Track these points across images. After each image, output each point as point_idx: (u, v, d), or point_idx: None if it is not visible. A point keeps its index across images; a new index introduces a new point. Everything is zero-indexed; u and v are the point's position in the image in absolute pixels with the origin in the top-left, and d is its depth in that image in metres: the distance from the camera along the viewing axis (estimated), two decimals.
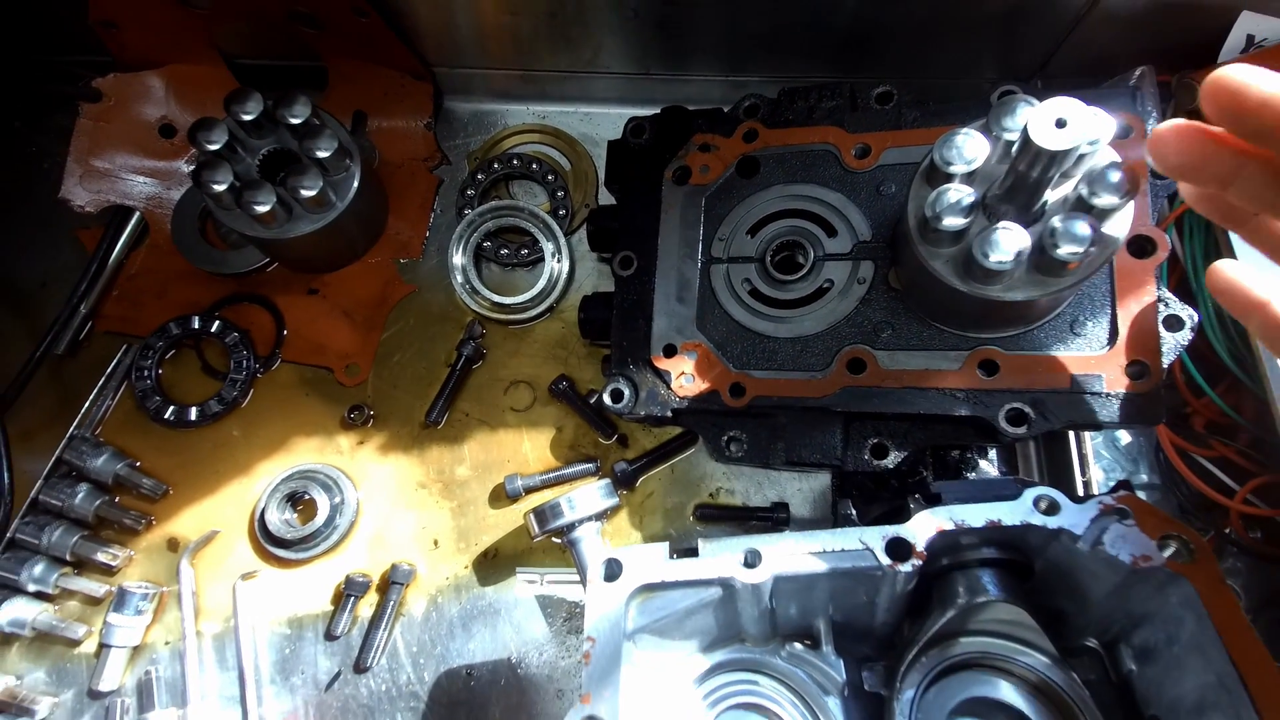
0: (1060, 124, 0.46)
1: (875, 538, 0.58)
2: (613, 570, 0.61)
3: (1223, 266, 0.51)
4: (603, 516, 0.82)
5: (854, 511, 0.69)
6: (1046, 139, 0.46)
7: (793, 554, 0.60)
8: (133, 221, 0.97)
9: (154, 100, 0.98)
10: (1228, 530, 0.79)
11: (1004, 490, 0.59)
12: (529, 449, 0.89)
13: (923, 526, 0.58)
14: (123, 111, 0.97)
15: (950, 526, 0.58)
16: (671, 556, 0.62)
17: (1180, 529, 0.54)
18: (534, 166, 0.96)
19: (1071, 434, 0.79)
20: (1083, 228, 0.52)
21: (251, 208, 0.79)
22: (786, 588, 0.62)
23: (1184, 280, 0.80)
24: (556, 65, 0.97)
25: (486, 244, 0.94)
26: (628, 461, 0.87)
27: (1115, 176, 0.51)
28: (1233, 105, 0.39)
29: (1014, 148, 0.52)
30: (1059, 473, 0.79)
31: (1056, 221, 0.53)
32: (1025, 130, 0.47)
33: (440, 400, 0.90)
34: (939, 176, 0.59)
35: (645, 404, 0.75)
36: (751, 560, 0.60)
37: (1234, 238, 0.75)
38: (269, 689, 0.82)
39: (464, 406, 0.91)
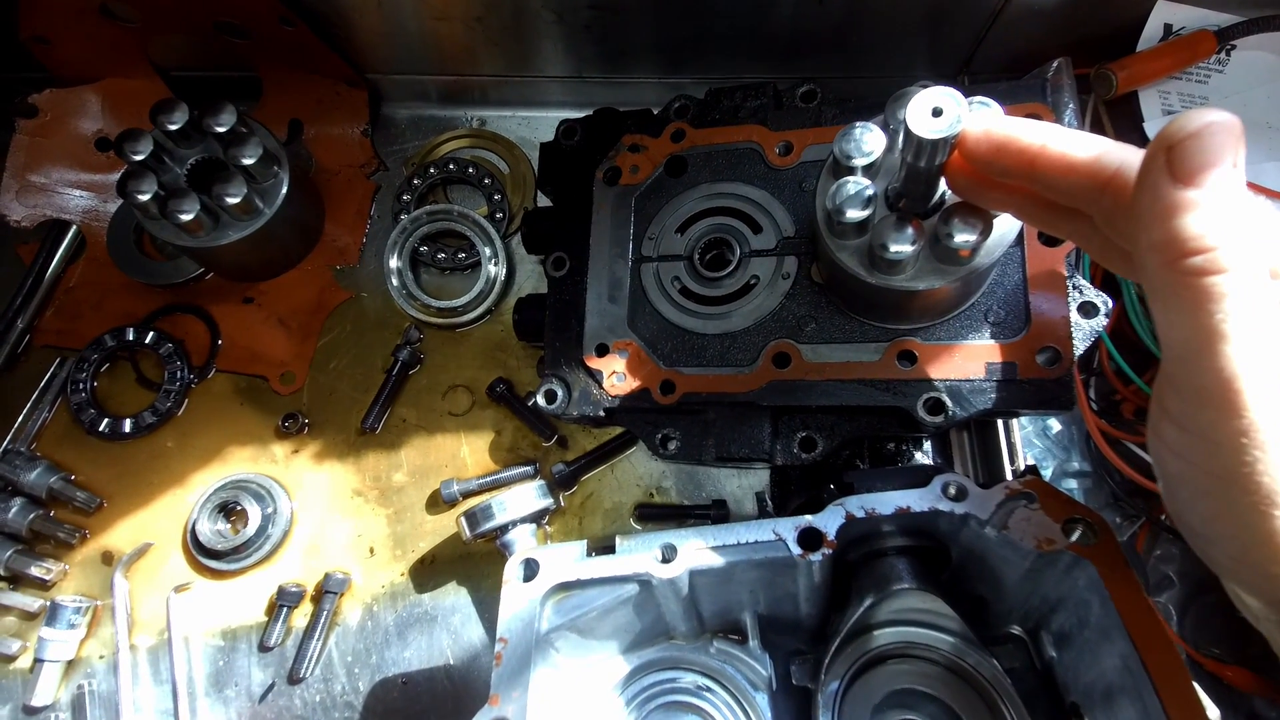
0: (936, 113, 0.47)
1: (787, 528, 0.59)
2: (530, 569, 0.61)
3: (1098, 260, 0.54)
4: (539, 518, 0.81)
5: (770, 504, 0.69)
6: (922, 127, 0.46)
7: (708, 547, 0.60)
8: (69, 235, 0.97)
9: (90, 115, 0.98)
10: (1161, 516, 0.80)
11: (916, 478, 0.60)
12: (467, 453, 0.89)
13: (833, 515, 0.58)
14: (59, 126, 0.97)
15: (860, 514, 0.58)
16: (589, 554, 0.62)
17: (1083, 512, 0.55)
18: (470, 171, 0.97)
19: (999, 423, 0.79)
20: (973, 216, 0.52)
21: (176, 216, 0.79)
22: (704, 581, 0.62)
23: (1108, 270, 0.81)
24: (493, 70, 0.97)
25: (423, 249, 0.94)
26: (566, 463, 0.87)
27: None
28: (979, 154, 0.44)
29: (901, 138, 0.53)
30: (989, 462, 0.80)
31: (949, 210, 0.53)
32: (904, 120, 0.47)
33: (377, 406, 0.89)
34: (842, 170, 0.59)
35: (579, 404, 0.75)
36: (667, 555, 0.60)
37: None
38: (203, 702, 0.81)
39: (401, 412, 0.91)
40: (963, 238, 0.53)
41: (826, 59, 0.91)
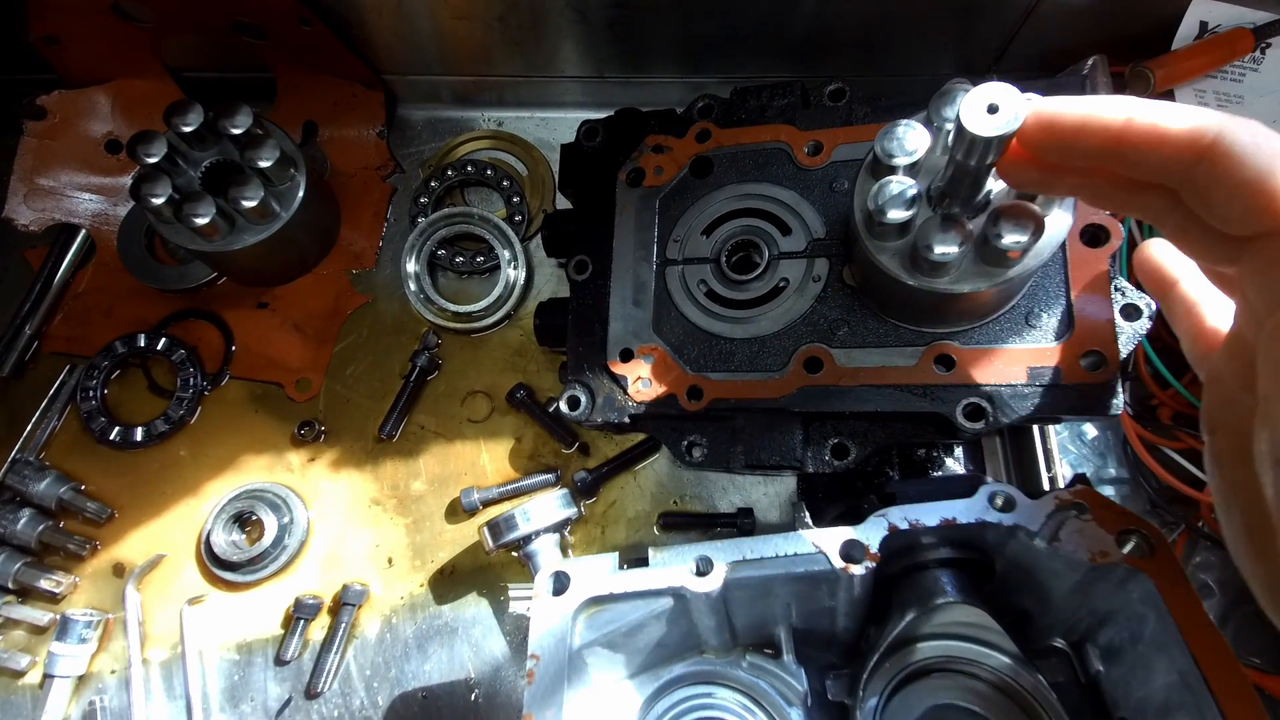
0: (992, 109, 0.45)
1: (829, 540, 0.57)
2: (561, 583, 0.59)
3: (1148, 246, 0.52)
4: (562, 528, 0.80)
5: (808, 514, 0.67)
6: (978, 125, 0.45)
7: (745, 560, 0.58)
8: (79, 239, 0.95)
9: (100, 116, 0.96)
10: (1199, 523, 0.78)
11: (960, 488, 0.58)
12: (487, 461, 0.87)
13: (876, 527, 0.56)
14: (68, 129, 0.96)
15: (904, 526, 0.56)
16: (622, 567, 0.60)
17: (1138, 523, 0.53)
18: (489, 173, 0.95)
19: (1036, 429, 0.77)
20: (1024, 216, 0.51)
21: (191, 220, 0.77)
22: (741, 595, 0.60)
23: None
24: (511, 70, 0.96)
25: (441, 252, 0.92)
26: (588, 470, 0.85)
27: None
28: (1049, 140, 0.40)
29: (949, 136, 0.51)
30: (1025, 469, 0.78)
31: (999, 210, 0.52)
32: (958, 117, 0.45)
33: (394, 413, 0.87)
34: (882, 170, 0.57)
35: (602, 410, 0.73)
36: (703, 568, 0.58)
37: None
38: (218, 717, 0.79)
39: (420, 419, 0.89)
40: (1013, 238, 0.51)
41: (853, 57, 0.89)
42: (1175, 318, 0.50)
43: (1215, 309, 0.48)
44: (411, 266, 0.90)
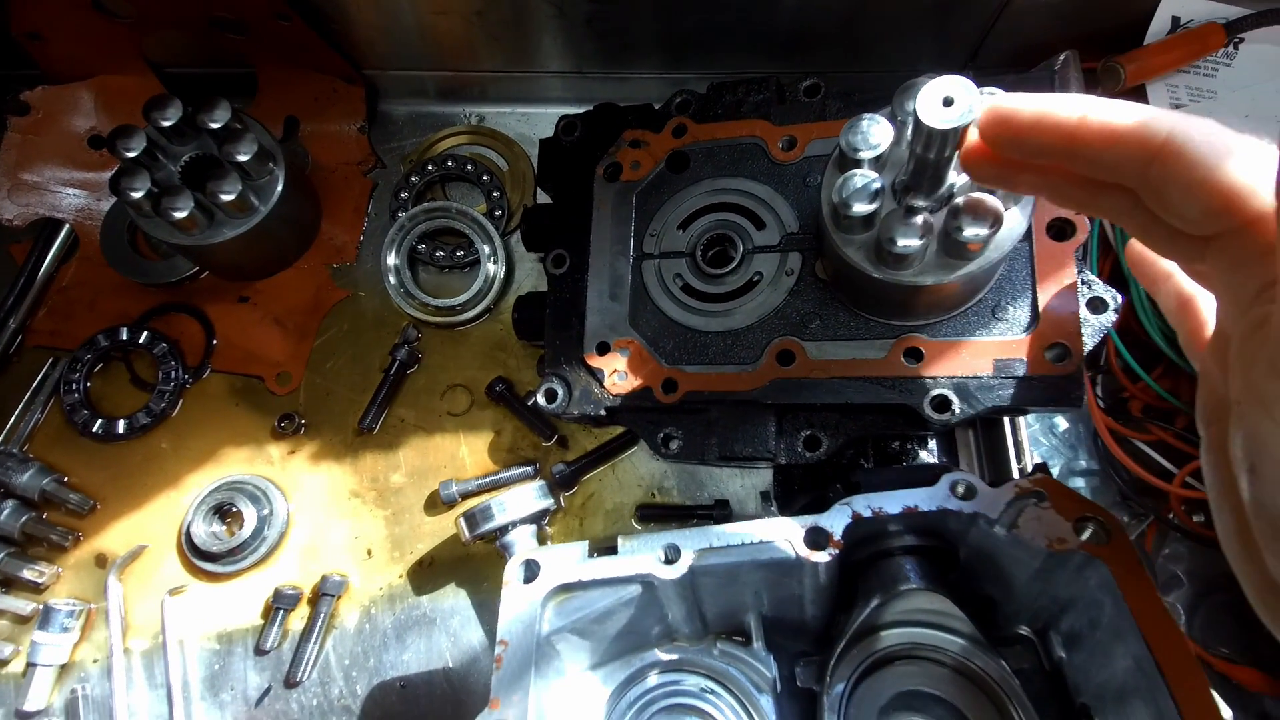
0: (947, 102, 0.45)
1: (793, 528, 0.58)
2: (531, 571, 0.60)
3: (1138, 240, 0.50)
4: (539, 519, 0.80)
5: (775, 502, 0.68)
6: (933, 117, 0.45)
7: (712, 547, 0.59)
8: (62, 234, 0.95)
9: (83, 112, 0.97)
10: (1170, 515, 0.79)
11: (924, 477, 0.59)
12: (466, 454, 0.88)
13: (840, 515, 0.57)
14: (51, 124, 0.96)
15: (867, 514, 0.57)
16: (591, 555, 0.61)
17: (1096, 510, 0.54)
18: (469, 168, 0.96)
19: (1006, 421, 0.78)
20: (983, 209, 0.51)
21: (170, 214, 0.77)
22: (708, 582, 0.61)
23: (1117, 265, 0.80)
24: (492, 65, 0.96)
25: (421, 247, 0.92)
26: (567, 463, 0.86)
27: None
28: (1005, 136, 0.40)
29: (909, 129, 0.52)
30: (996, 460, 0.79)
31: (959, 203, 0.52)
32: (914, 110, 0.46)
33: (374, 406, 0.88)
34: (849, 163, 0.58)
35: (579, 403, 0.73)
36: (670, 556, 0.59)
37: None
38: (198, 706, 0.80)
39: (400, 412, 0.90)
40: (973, 231, 0.52)
41: (830, 52, 0.90)
42: (1169, 312, 0.49)
43: (1209, 303, 0.47)
44: (392, 260, 0.91)
